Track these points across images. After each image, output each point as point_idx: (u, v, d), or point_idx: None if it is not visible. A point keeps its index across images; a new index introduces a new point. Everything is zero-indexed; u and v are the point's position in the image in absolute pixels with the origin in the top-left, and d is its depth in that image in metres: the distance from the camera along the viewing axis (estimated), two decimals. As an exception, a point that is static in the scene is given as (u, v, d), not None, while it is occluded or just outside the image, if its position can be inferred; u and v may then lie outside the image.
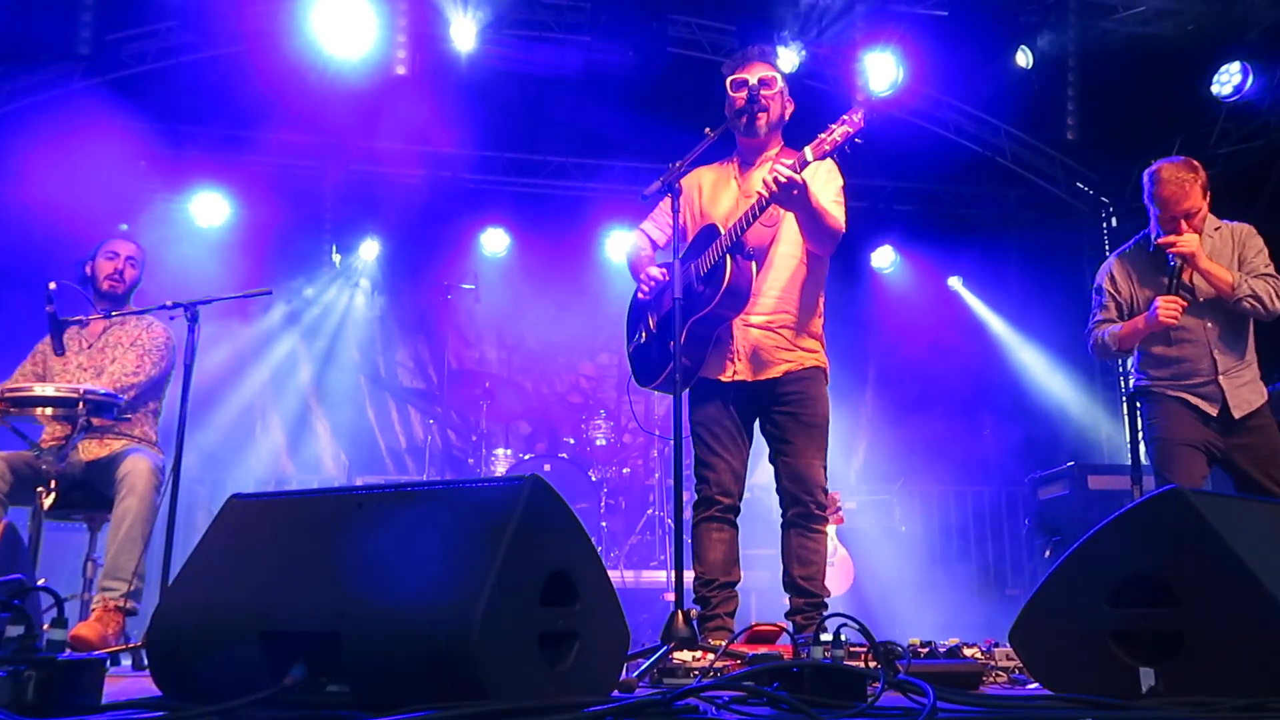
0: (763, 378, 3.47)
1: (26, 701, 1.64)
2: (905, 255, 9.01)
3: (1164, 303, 3.70)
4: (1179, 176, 3.76)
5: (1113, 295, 4.00)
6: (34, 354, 4.21)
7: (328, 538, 1.97)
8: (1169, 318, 3.70)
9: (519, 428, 8.43)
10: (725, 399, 3.52)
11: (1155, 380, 3.91)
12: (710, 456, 3.51)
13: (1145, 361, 3.96)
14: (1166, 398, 3.86)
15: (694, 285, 3.45)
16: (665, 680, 2.58)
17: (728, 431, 3.51)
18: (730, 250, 3.34)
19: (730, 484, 3.50)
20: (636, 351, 3.75)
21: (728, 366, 3.49)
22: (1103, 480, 6.34)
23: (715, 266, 3.39)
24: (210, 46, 7.31)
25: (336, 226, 8.50)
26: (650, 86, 7.34)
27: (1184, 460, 3.78)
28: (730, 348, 3.49)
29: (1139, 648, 2.00)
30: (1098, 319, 4.04)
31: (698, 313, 3.41)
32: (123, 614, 3.67)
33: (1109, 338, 3.93)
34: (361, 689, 1.75)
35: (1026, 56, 7.15)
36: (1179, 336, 3.83)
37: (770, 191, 3.18)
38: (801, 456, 3.47)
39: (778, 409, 3.49)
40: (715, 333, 3.46)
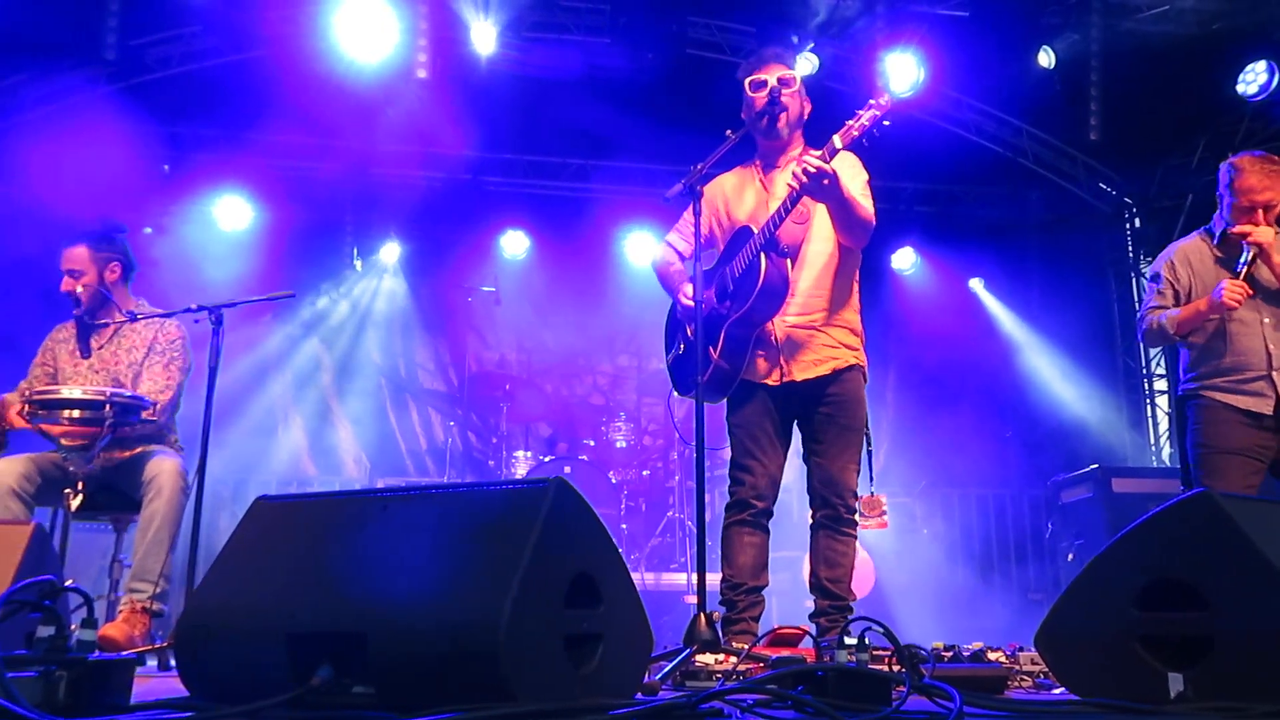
0: (808, 377, 3.45)
1: (58, 701, 1.66)
2: (926, 257, 8.98)
3: (1231, 285, 3.67)
4: (1263, 168, 3.76)
5: (1171, 283, 3.98)
6: (43, 352, 4.17)
7: (354, 539, 1.98)
8: (1234, 300, 3.66)
9: (539, 430, 8.44)
10: (768, 401, 3.49)
11: (1204, 383, 3.87)
12: (747, 459, 3.49)
13: (1195, 360, 3.92)
14: (1214, 404, 3.83)
15: (728, 288, 3.44)
16: (688, 683, 2.58)
17: (767, 435, 3.49)
18: (764, 248, 3.32)
19: (766, 488, 3.48)
20: (676, 362, 3.73)
21: (770, 368, 3.47)
22: (1127, 483, 6.30)
23: (750, 266, 3.35)
24: (233, 51, 7.37)
25: (358, 229, 8.56)
26: (669, 89, 7.35)
27: (1229, 470, 3.74)
28: (772, 349, 3.46)
29: (1167, 652, 1.98)
30: (1153, 304, 4.01)
31: (735, 315, 3.39)
32: (149, 615, 3.69)
33: (1167, 321, 3.89)
34: (387, 690, 1.76)
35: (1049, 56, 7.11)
36: (1235, 330, 3.81)
37: (800, 183, 3.16)
38: (836, 459, 3.45)
39: (820, 412, 3.47)
40: (754, 334, 3.43)
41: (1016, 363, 8.87)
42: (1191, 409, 3.92)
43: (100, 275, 4.09)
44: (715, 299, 3.47)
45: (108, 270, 4.11)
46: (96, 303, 4.08)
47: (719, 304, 3.46)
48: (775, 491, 3.52)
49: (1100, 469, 6.37)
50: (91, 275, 4.06)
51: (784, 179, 3.54)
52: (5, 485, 3.61)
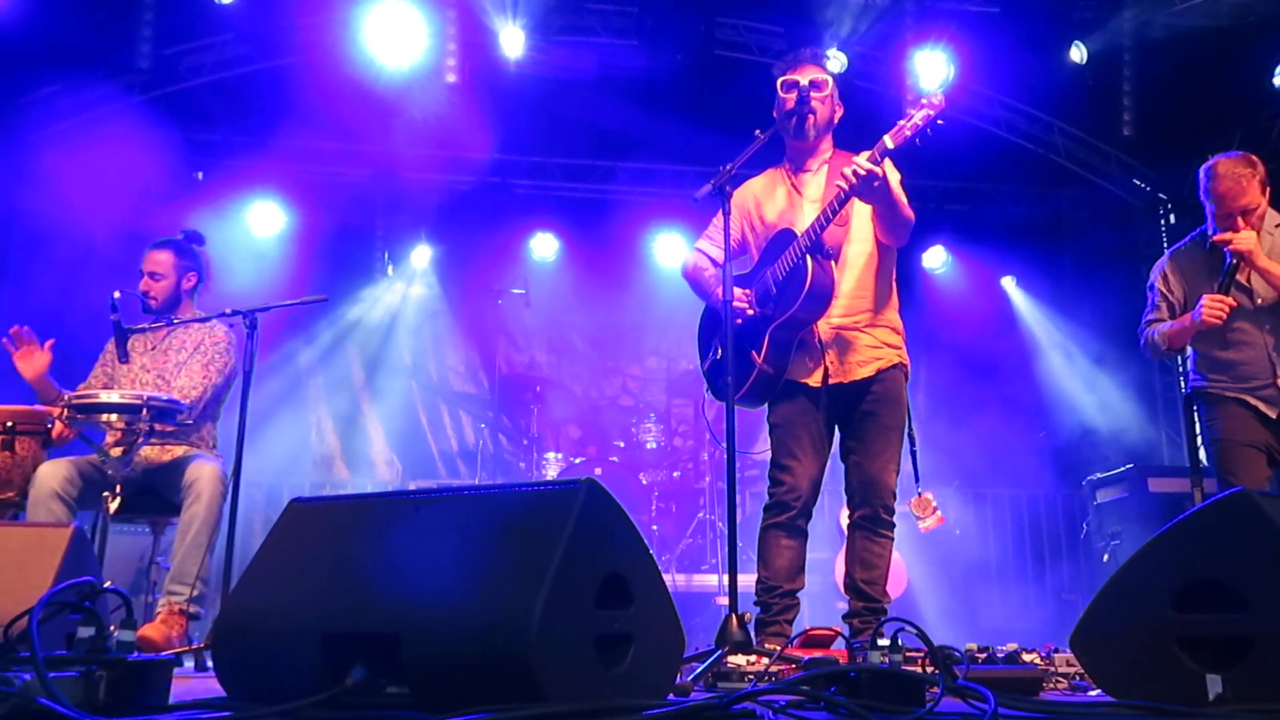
0: (854, 379, 3.43)
1: (98, 701, 1.68)
2: (957, 255, 8.91)
3: (1209, 301, 3.62)
4: (1236, 171, 3.67)
5: (1165, 294, 3.93)
6: (102, 358, 4.30)
7: (386, 541, 2.00)
8: (1212, 318, 3.61)
9: (569, 431, 8.46)
10: (814, 403, 3.46)
11: (1213, 382, 3.83)
12: (789, 460, 3.46)
13: (1201, 363, 3.88)
14: (1225, 399, 3.79)
15: (771, 291, 3.42)
16: (720, 684, 2.57)
17: (811, 437, 3.46)
18: (810, 251, 3.30)
19: (806, 491, 3.45)
20: (712, 368, 3.68)
21: (815, 369, 3.45)
22: (1163, 483, 6.21)
23: (795, 269, 3.33)
24: (265, 58, 7.45)
25: (388, 234, 8.62)
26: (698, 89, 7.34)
27: (1246, 462, 3.70)
28: (816, 350, 3.44)
29: (1205, 653, 1.96)
30: (1149, 318, 3.97)
31: (780, 318, 3.37)
32: (186, 617, 3.74)
33: (1158, 336, 3.86)
34: (421, 690, 1.77)
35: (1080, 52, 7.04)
36: (1236, 339, 3.75)
37: (850, 184, 3.16)
38: (876, 460, 3.43)
39: (861, 410, 3.45)
40: (798, 337, 3.42)
41: (1049, 361, 8.78)
42: (1202, 405, 3.88)
43: (178, 281, 4.26)
44: (757, 302, 3.45)
45: (185, 279, 4.29)
46: (168, 306, 4.23)
47: (761, 307, 3.43)
48: (815, 494, 3.49)
49: (1135, 468, 6.30)
50: (170, 281, 4.24)
51: (816, 181, 3.54)
52: (49, 488, 3.67)
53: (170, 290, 4.24)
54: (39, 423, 3.83)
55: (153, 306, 4.21)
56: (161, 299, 4.22)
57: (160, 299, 4.22)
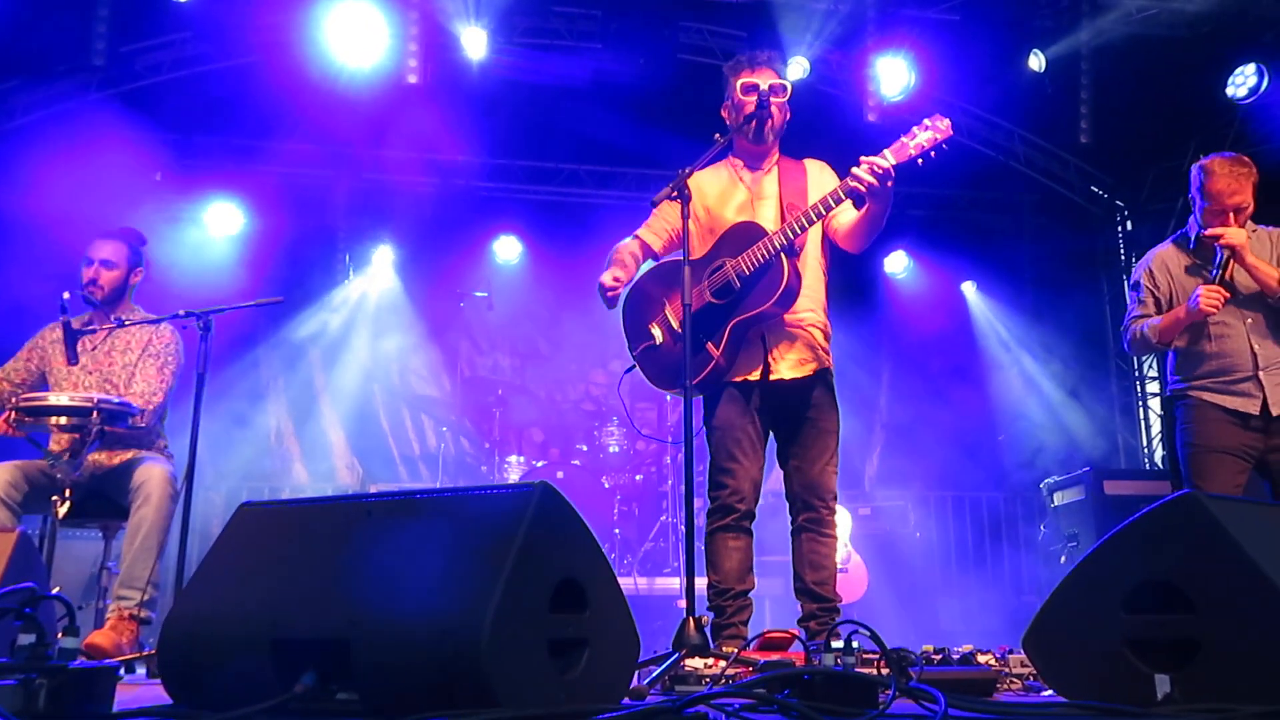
0: (795, 376, 3.45)
1: (38, 709, 1.65)
2: (918, 260, 8.99)
3: (1206, 291, 3.69)
4: (1233, 170, 3.76)
5: (1151, 290, 3.99)
6: (31, 348, 4.14)
7: (338, 545, 1.97)
8: (1210, 306, 3.68)
9: (532, 435, 8.43)
10: (748, 401, 3.46)
11: (1192, 384, 3.88)
12: (730, 463, 3.46)
13: (1182, 362, 3.93)
14: (1203, 404, 3.84)
15: (734, 285, 3.39)
16: (677, 688, 2.57)
17: (749, 437, 3.47)
18: (784, 250, 3.32)
19: (748, 491, 3.46)
20: (648, 353, 3.58)
21: (756, 365, 3.45)
22: (1119, 485, 6.30)
23: (767, 267, 3.33)
24: (224, 57, 7.36)
25: (350, 235, 8.55)
26: (661, 93, 7.34)
27: (1217, 468, 3.76)
28: (762, 347, 3.45)
29: (1154, 654, 1.98)
30: (1135, 314, 4.03)
31: (744, 313, 3.36)
32: (137, 622, 3.68)
33: (1148, 330, 3.90)
34: (371, 696, 1.75)
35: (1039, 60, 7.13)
36: (1218, 332, 3.82)
37: (866, 184, 3.19)
38: (816, 463, 3.46)
39: (799, 413, 3.47)
40: (751, 333, 3.43)
41: (1009, 365, 8.88)
42: (1180, 409, 3.93)
43: (128, 274, 4.18)
44: (715, 294, 3.43)
45: (134, 273, 4.21)
46: (113, 297, 4.13)
47: (717, 300, 3.43)
48: (757, 494, 3.50)
49: (1092, 471, 6.37)
50: (121, 271, 4.16)
51: (770, 180, 3.56)
52: (-9, 493, 3.60)
53: (119, 282, 4.13)
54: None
55: (96, 297, 4.05)
56: (109, 289, 4.09)
57: (107, 289, 4.08)
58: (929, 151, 3.21)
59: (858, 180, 3.21)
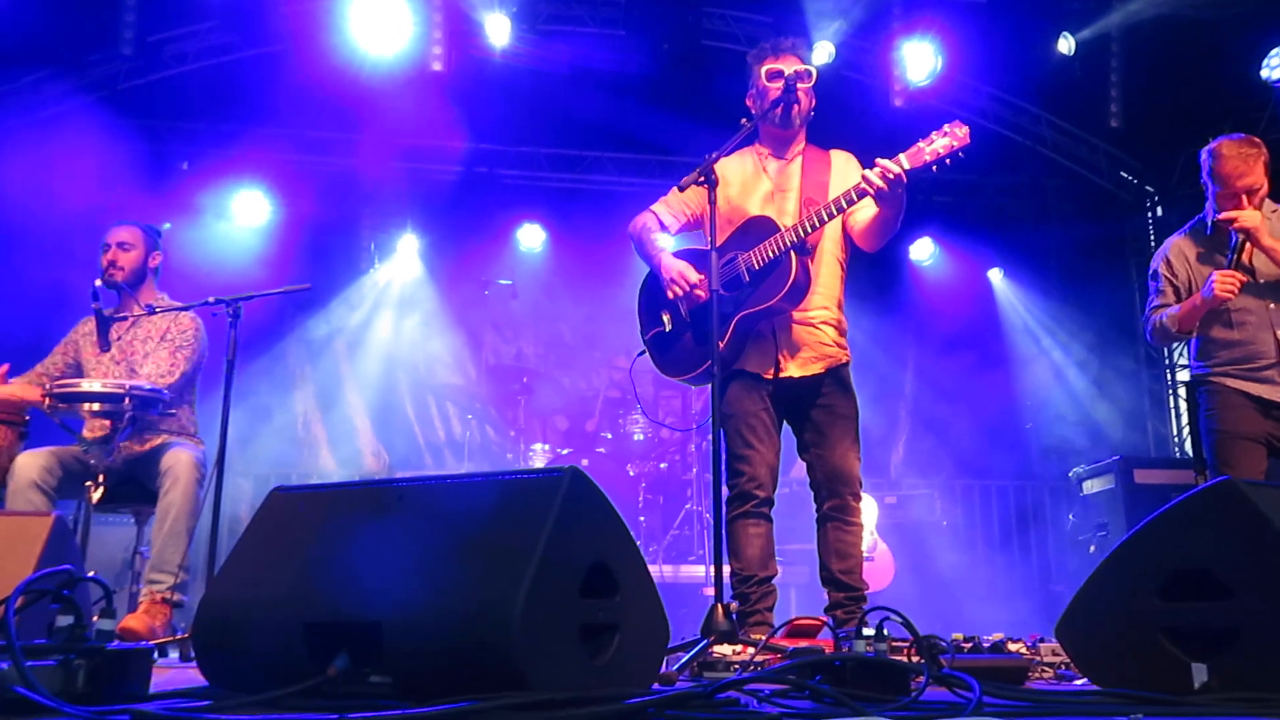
0: (804, 374, 3.44)
1: (76, 690, 1.66)
2: (944, 247, 8.92)
3: (1221, 276, 3.64)
4: (1242, 151, 3.71)
5: (1169, 279, 3.95)
6: (66, 342, 4.22)
7: (369, 529, 1.98)
8: (1225, 292, 3.63)
9: (556, 422, 8.43)
10: (763, 393, 3.48)
11: (1215, 369, 3.84)
12: (746, 450, 3.46)
13: (1204, 349, 3.89)
14: (1226, 389, 3.80)
15: (742, 278, 3.40)
16: (705, 674, 2.57)
17: (764, 425, 3.47)
18: (794, 248, 3.31)
19: (766, 478, 3.46)
20: (658, 339, 3.64)
21: (771, 364, 3.45)
22: (1149, 474, 6.23)
23: (775, 262, 3.33)
24: (250, 46, 7.40)
25: (375, 224, 8.58)
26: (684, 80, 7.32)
27: (1243, 454, 3.72)
28: (774, 344, 3.45)
29: (1191, 642, 1.96)
30: (1155, 304, 3.98)
31: (750, 308, 3.36)
32: (169, 606, 3.71)
33: (1167, 319, 3.86)
34: (403, 679, 1.76)
35: (1069, 43, 7.04)
36: (1240, 319, 3.77)
37: (875, 187, 3.17)
38: (837, 448, 3.44)
39: (815, 404, 3.47)
40: (757, 328, 3.43)
41: (1036, 353, 8.80)
42: (1203, 394, 3.89)
43: (145, 257, 4.23)
44: (725, 286, 3.42)
45: (151, 256, 4.25)
46: (134, 280, 4.17)
47: (727, 292, 3.42)
48: (775, 481, 3.50)
49: (1122, 460, 6.31)
50: (139, 252, 4.20)
51: (792, 170, 3.54)
52: (27, 478, 3.64)
53: (138, 262, 4.18)
54: (14, 412, 3.79)
55: (117, 279, 4.09)
56: (128, 270, 4.13)
57: (127, 270, 4.13)
58: (944, 159, 3.19)
59: (868, 183, 3.19)
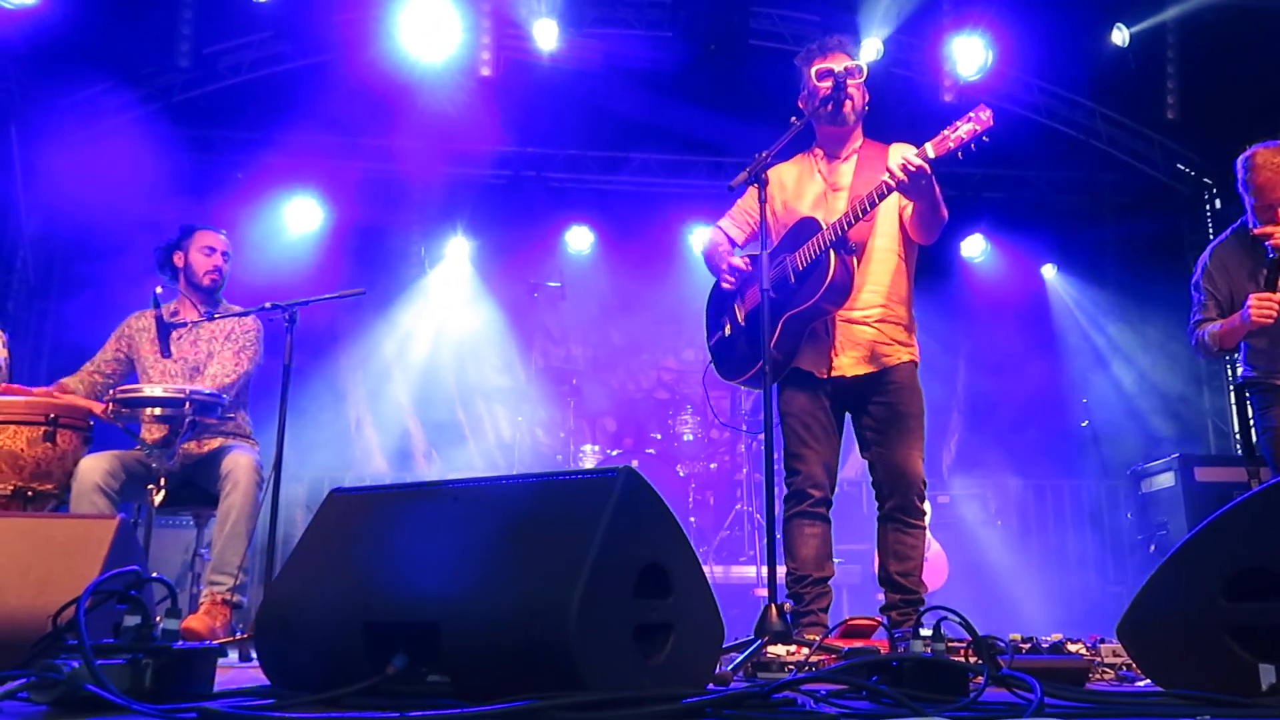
0: (858, 374, 3.43)
1: (144, 688, 1.70)
2: (996, 244, 8.80)
3: (1256, 301, 3.53)
4: (1275, 162, 3.59)
5: (1211, 293, 3.84)
6: (119, 337, 4.29)
7: (426, 531, 2.00)
8: (1263, 318, 3.51)
9: (605, 424, 8.46)
10: (820, 392, 3.47)
11: (1263, 373, 3.77)
12: (802, 449, 3.46)
13: (1251, 353, 3.83)
14: (1276, 388, 3.72)
15: (789, 280, 3.40)
16: (760, 674, 2.56)
17: (820, 424, 3.46)
18: (834, 245, 3.30)
19: (822, 477, 3.45)
20: (719, 345, 3.72)
21: (825, 363, 3.44)
22: (1209, 472, 6.10)
23: (816, 261, 3.32)
24: (302, 55, 7.52)
25: (425, 228, 8.66)
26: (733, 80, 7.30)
27: None
28: (829, 343, 3.44)
29: (1258, 643, 1.91)
30: (1197, 318, 3.88)
31: (795, 308, 3.36)
32: (230, 607, 3.78)
33: (1209, 338, 3.77)
34: (461, 679, 1.78)
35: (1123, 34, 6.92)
36: None
37: (898, 180, 3.15)
38: (899, 448, 3.41)
39: (874, 402, 3.44)
40: (810, 327, 3.42)
41: (1091, 350, 8.65)
42: (1254, 394, 3.82)
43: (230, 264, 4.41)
44: (773, 288, 3.42)
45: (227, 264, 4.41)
46: (219, 285, 4.34)
47: (777, 293, 3.42)
48: (832, 480, 3.49)
49: (1181, 457, 6.18)
50: (229, 263, 4.39)
51: (847, 169, 3.52)
52: (91, 481, 3.72)
53: (229, 271, 4.38)
54: (81, 418, 3.88)
55: (218, 286, 4.32)
56: (225, 278, 4.35)
57: (224, 278, 4.35)
58: (969, 144, 3.14)
59: (891, 175, 3.16)
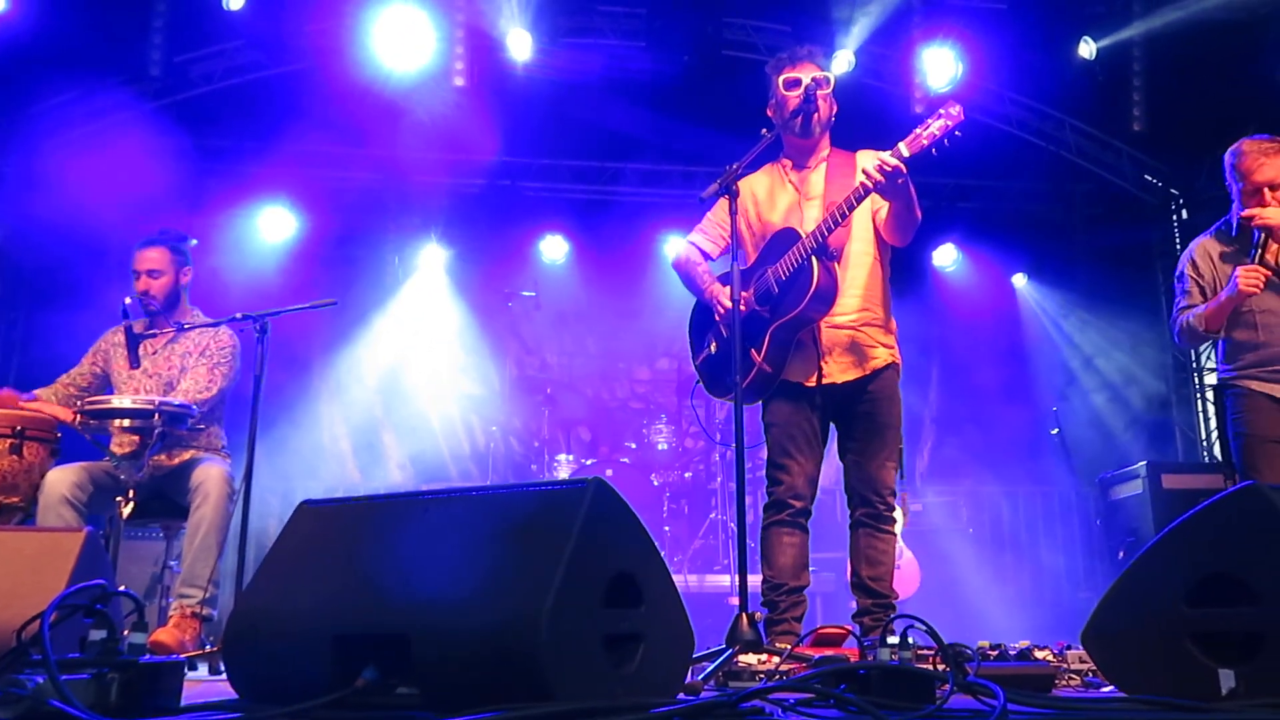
0: (848, 379, 3.45)
1: (110, 703, 1.69)
2: (967, 253, 8.88)
3: (1245, 272, 3.63)
4: (1263, 147, 3.72)
5: (1195, 280, 3.94)
6: (95, 351, 4.26)
7: (396, 542, 2.00)
8: (1250, 287, 3.62)
9: (580, 434, 8.46)
10: (808, 402, 3.48)
11: (1240, 372, 3.82)
12: (785, 459, 3.48)
13: (1229, 352, 3.88)
14: (1252, 393, 3.78)
15: (773, 291, 3.42)
16: (730, 683, 2.57)
17: (805, 435, 3.48)
18: (815, 253, 3.32)
19: (803, 488, 3.48)
20: (707, 363, 3.71)
21: (813, 371, 3.46)
22: (1178, 479, 6.18)
23: (799, 270, 3.34)
24: (275, 64, 7.48)
25: (399, 238, 8.64)
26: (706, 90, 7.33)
27: (1270, 457, 3.70)
28: (815, 351, 3.45)
29: (1218, 649, 1.95)
30: (1182, 304, 3.98)
31: (781, 318, 3.38)
32: (199, 620, 3.76)
33: (1195, 319, 3.85)
34: (431, 691, 1.78)
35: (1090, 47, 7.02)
36: (1264, 321, 3.75)
37: (875, 181, 3.18)
38: (875, 457, 3.45)
39: (859, 411, 3.47)
40: (798, 337, 3.43)
41: (1061, 359, 8.75)
42: (1230, 398, 3.88)
43: (176, 277, 4.24)
44: (758, 301, 3.45)
45: (182, 274, 4.27)
46: (169, 304, 4.20)
47: (760, 306, 3.44)
48: (813, 491, 3.51)
49: (1150, 465, 6.26)
50: (170, 277, 4.21)
51: (816, 178, 3.55)
52: (58, 493, 3.69)
53: (170, 287, 4.20)
54: (49, 429, 3.85)
55: (154, 307, 4.14)
56: (162, 297, 4.17)
57: (161, 297, 4.16)
58: (942, 139, 3.18)
59: (867, 177, 3.20)
